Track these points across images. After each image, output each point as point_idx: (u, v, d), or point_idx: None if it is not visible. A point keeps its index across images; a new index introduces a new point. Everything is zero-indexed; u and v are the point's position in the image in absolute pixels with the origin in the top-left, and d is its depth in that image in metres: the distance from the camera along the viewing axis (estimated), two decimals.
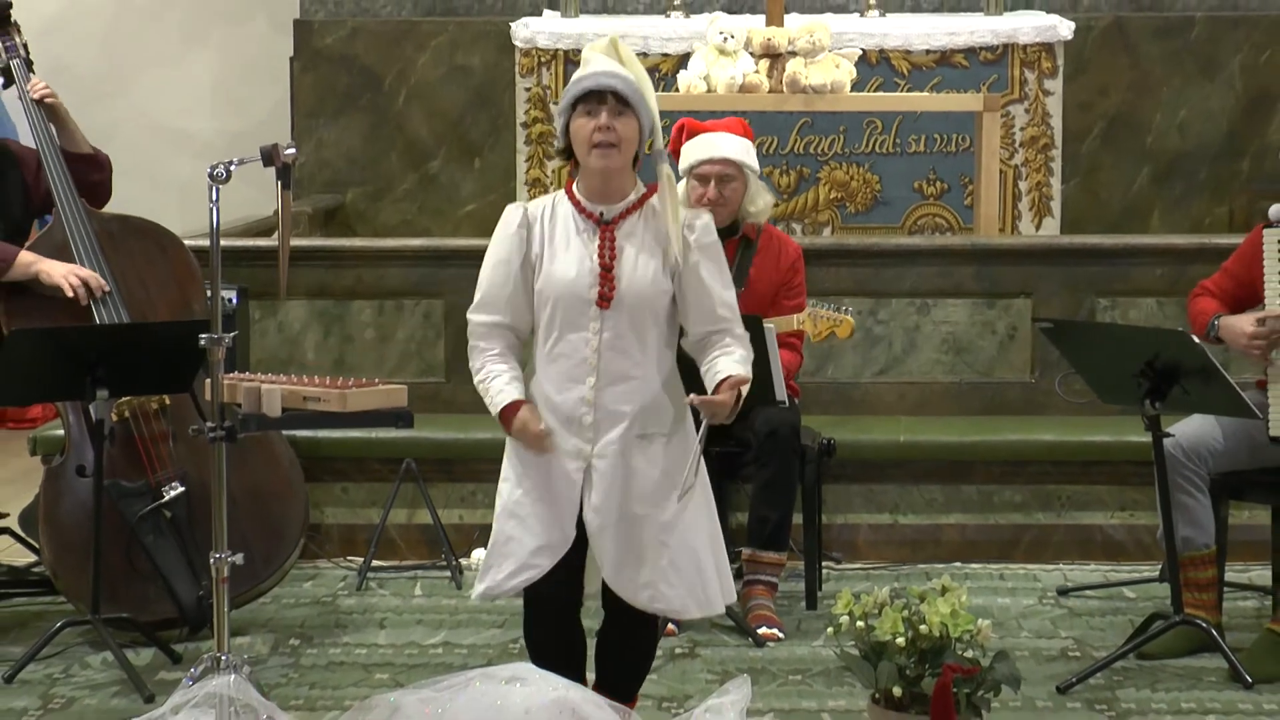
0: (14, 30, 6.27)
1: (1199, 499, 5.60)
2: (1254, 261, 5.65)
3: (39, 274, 5.85)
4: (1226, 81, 9.32)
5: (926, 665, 4.54)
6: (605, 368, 4.49)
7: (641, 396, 4.50)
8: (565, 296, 4.49)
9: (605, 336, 4.48)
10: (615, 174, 4.51)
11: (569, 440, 4.50)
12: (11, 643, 5.86)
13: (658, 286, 4.50)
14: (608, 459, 4.49)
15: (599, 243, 4.50)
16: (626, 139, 4.48)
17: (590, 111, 4.48)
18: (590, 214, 4.53)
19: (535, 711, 4.38)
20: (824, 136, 8.74)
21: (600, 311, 4.48)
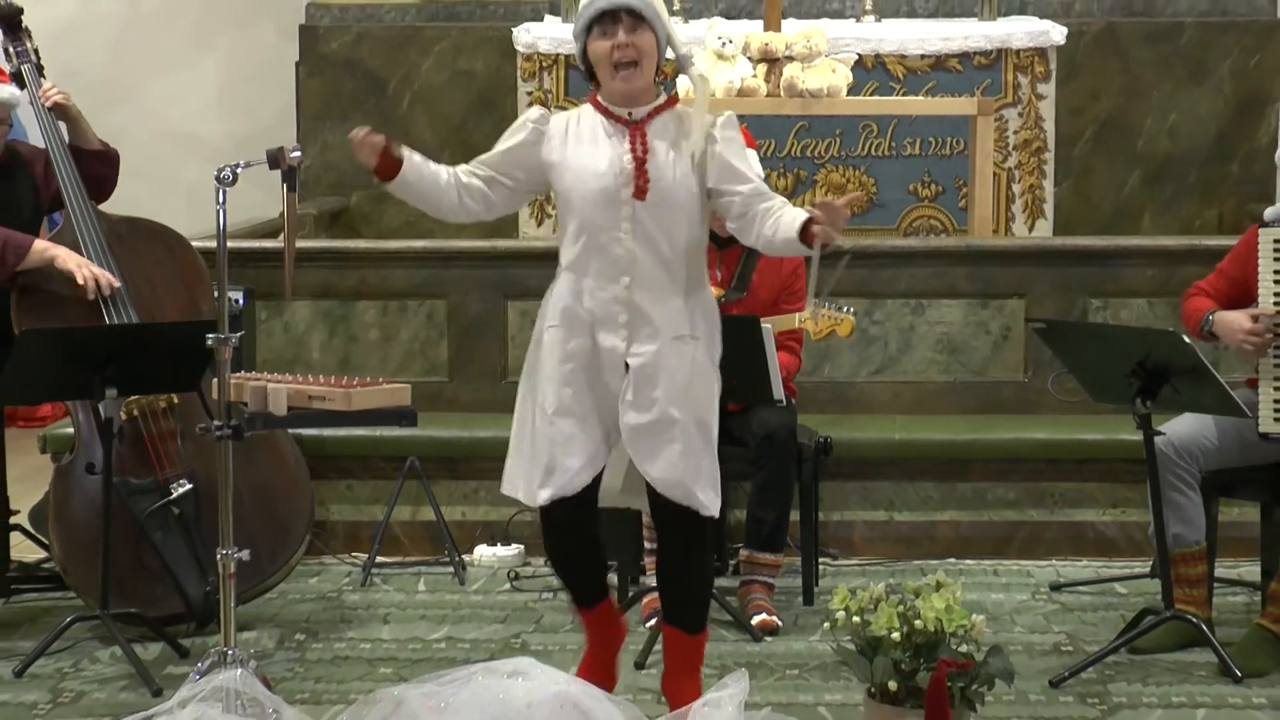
0: (25, 35, 6.28)
1: (1190, 496, 5.60)
2: (1248, 261, 5.65)
3: (54, 259, 5.84)
4: (1216, 86, 9.32)
5: (921, 660, 4.53)
6: (638, 268, 4.49)
7: (673, 298, 4.52)
8: (597, 193, 4.50)
9: (637, 234, 4.49)
10: (640, 92, 4.55)
11: (607, 338, 4.52)
12: (22, 637, 5.86)
13: (688, 183, 4.51)
14: (644, 359, 4.50)
15: (630, 140, 4.51)
16: (646, 53, 4.51)
17: (606, 32, 4.51)
18: (618, 117, 4.56)
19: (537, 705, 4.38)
20: (821, 140, 8.73)
21: (634, 208, 4.48)
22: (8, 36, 6.26)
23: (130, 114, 9.78)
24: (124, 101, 9.86)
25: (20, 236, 5.88)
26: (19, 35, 6.26)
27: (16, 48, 6.25)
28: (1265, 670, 5.42)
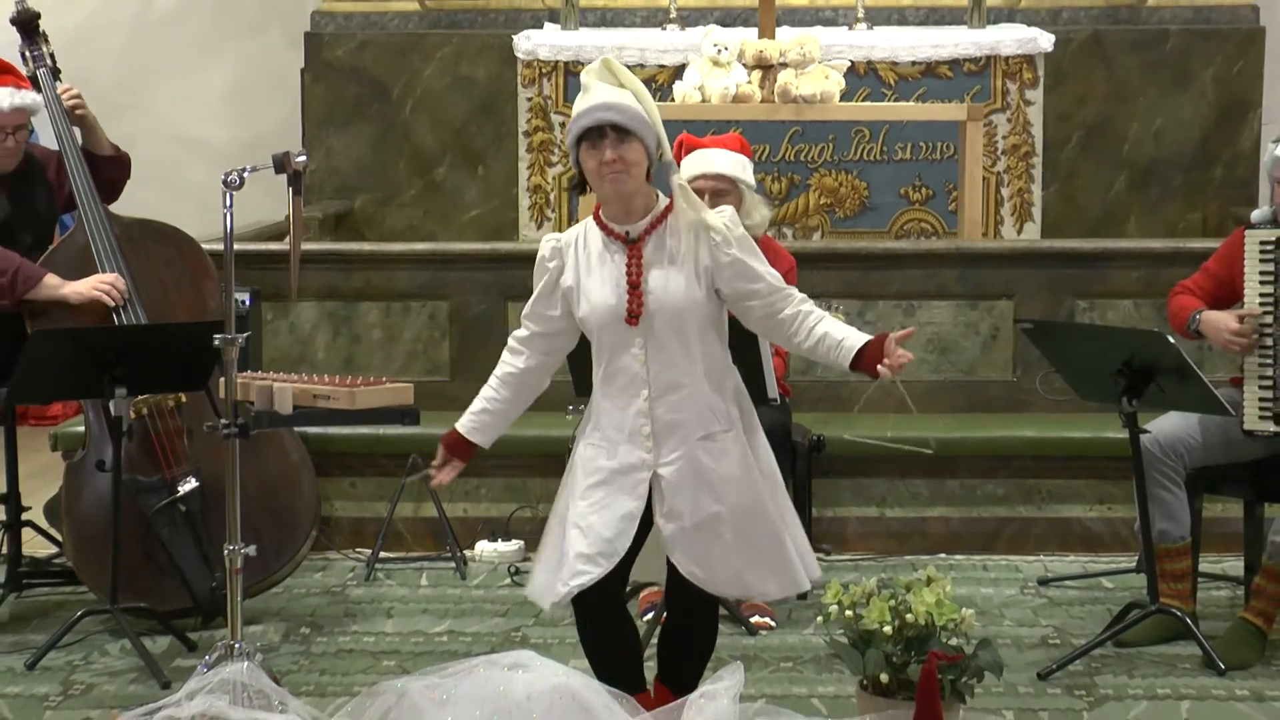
0: (41, 39, 6.28)
1: (1174, 493, 5.60)
2: (1234, 262, 5.65)
3: (67, 297, 5.84)
4: (1200, 92, 9.32)
5: (912, 653, 4.53)
6: (655, 380, 4.44)
7: (696, 402, 4.46)
8: (605, 318, 4.46)
9: (650, 350, 4.44)
10: (631, 196, 4.47)
11: (633, 453, 4.46)
12: (33, 631, 5.86)
13: (690, 295, 4.43)
14: (674, 466, 4.45)
15: (627, 261, 4.46)
16: (633, 163, 4.42)
17: (594, 147, 4.42)
18: (617, 234, 4.48)
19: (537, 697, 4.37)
20: (814, 145, 8.73)
21: (636, 328, 4.43)
22: (25, 41, 6.26)
23: (139, 119, 9.77)
24: (133, 107, 9.86)
25: (33, 268, 5.87)
26: (36, 40, 6.26)
27: (33, 52, 6.25)
28: (1248, 663, 5.42)
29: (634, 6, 9.51)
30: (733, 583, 4.52)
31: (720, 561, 4.47)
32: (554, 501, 4.66)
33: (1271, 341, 5.52)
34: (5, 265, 5.83)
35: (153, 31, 10.27)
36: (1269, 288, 5.53)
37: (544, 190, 8.85)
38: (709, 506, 4.45)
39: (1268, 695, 5.20)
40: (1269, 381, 5.51)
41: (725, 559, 4.47)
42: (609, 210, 4.51)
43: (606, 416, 4.51)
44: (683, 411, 4.45)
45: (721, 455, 4.47)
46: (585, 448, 4.55)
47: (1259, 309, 5.52)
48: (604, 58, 4.54)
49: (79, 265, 5.93)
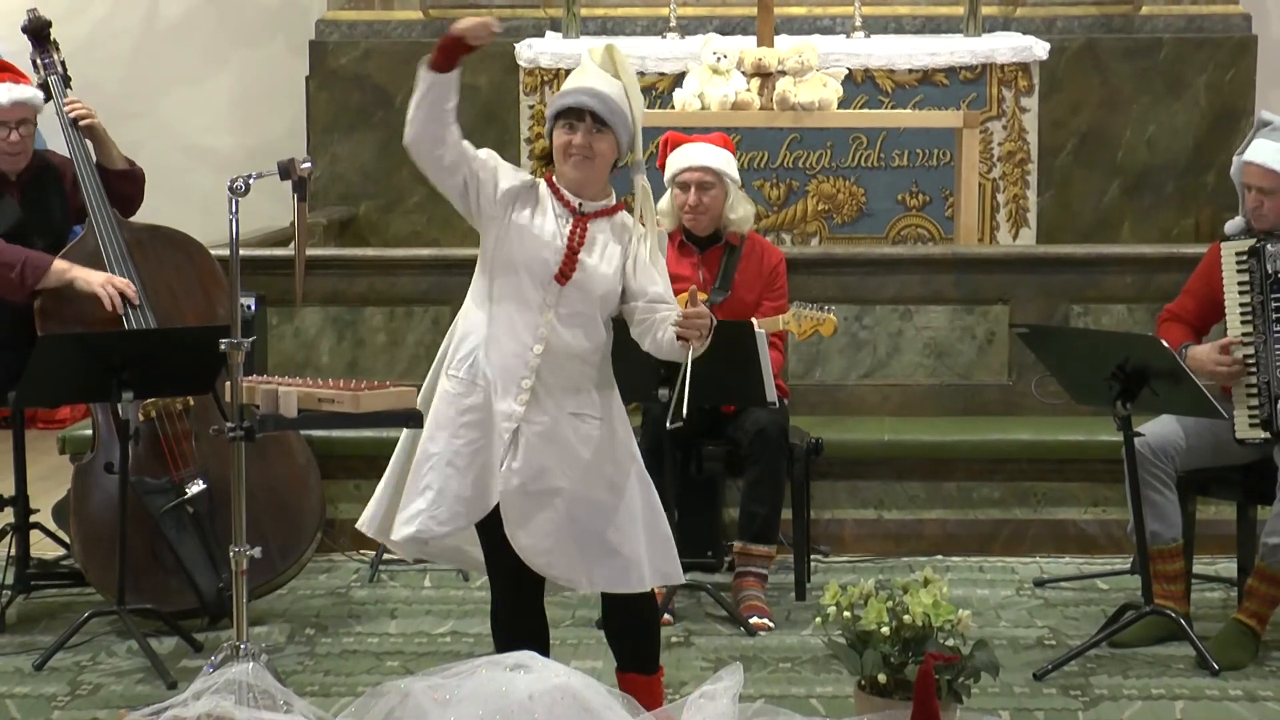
0: (53, 48, 6.28)
1: (1167, 495, 5.59)
2: (1213, 278, 5.65)
3: (74, 281, 5.84)
4: (1192, 99, 9.32)
5: (910, 653, 4.52)
6: (553, 340, 4.43)
7: (581, 377, 4.46)
8: (531, 264, 4.43)
9: (560, 311, 4.43)
10: (589, 182, 4.50)
11: (504, 401, 4.43)
12: (41, 632, 5.85)
13: (613, 284, 4.46)
14: (539, 428, 4.43)
15: (571, 228, 4.46)
16: (601, 155, 4.46)
17: (570, 126, 4.46)
18: (568, 202, 4.50)
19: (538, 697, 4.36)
20: (812, 151, 8.73)
21: (558, 287, 4.42)
22: (36, 48, 6.27)
23: (146, 128, 9.78)
24: (140, 116, 9.86)
25: (39, 256, 5.87)
26: (47, 47, 6.27)
27: (44, 59, 6.25)
28: (1241, 663, 5.41)
29: (634, 15, 9.52)
30: (545, 557, 4.46)
31: (542, 533, 4.45)
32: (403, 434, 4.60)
33: (1254, 351, 5.51)
34: (13, 259, 5.84)
35: (159, 41, 10.28)
36: (1247, 297, 5.53)
37: None
38: (553, 479, 4.44)
39: (1261, 695, 5.19)
40: (1254, 389, 5.50)
41: (548, 533, 4.46)
42: (563, 181, 4.53)
43: (484, 354, 4.45)
44: (565, 380, 4.45)
45: (584, 438, 4.47)
46: (454, 382, 4.49)
47: (1238, 336, 5.51)
48: (610, 44, 4.57)
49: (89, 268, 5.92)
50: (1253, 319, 5.51)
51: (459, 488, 4.46)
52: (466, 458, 4.46)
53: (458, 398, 4.49)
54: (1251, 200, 5.59)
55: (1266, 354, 5.48)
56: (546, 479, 4.45)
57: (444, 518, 4.48)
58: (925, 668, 4.42)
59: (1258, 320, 5.50)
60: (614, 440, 4.52)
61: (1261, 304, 5.50)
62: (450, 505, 4.47)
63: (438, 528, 4.49)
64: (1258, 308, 5.51)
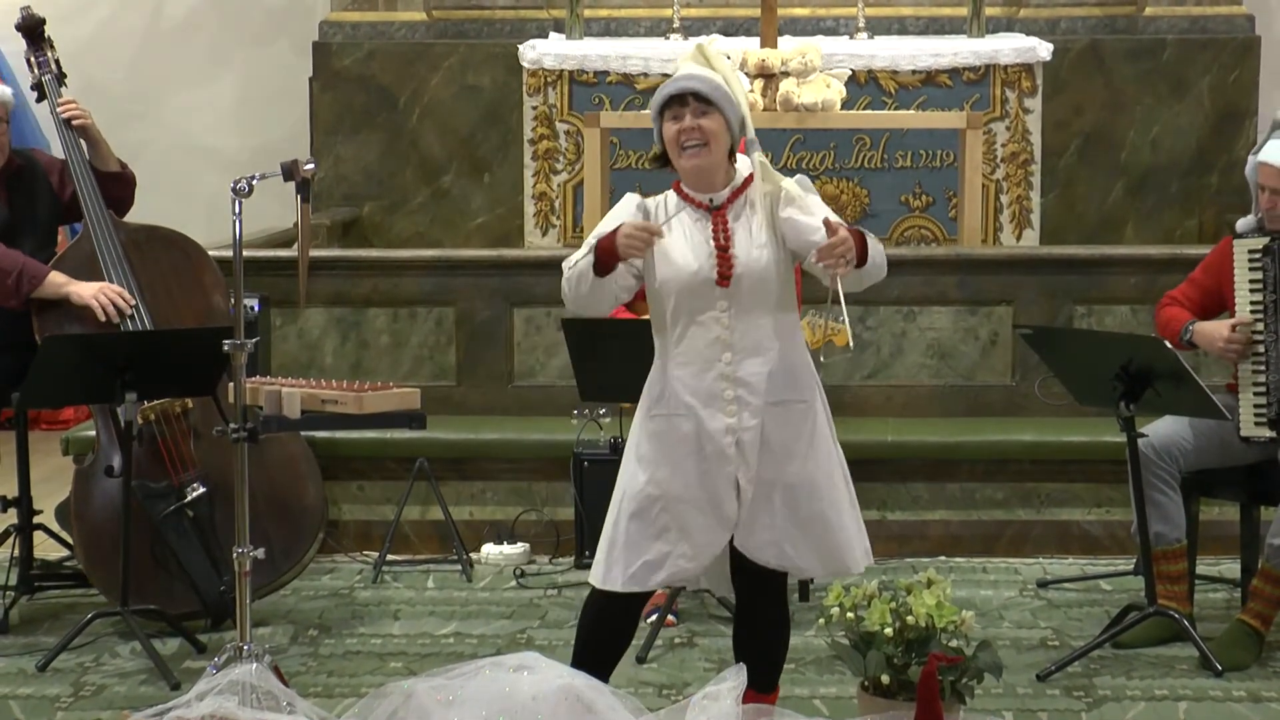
0: (47, 46, 6.26)
1: (1170, 496, 5.59)
2: (1220, 271, 5.65)
3: (69, 295, 5.84)
4: (1196, 100, 9.30)
5: (913, 654, 4.52)
6: (738, 342, 4.40)
7: (774, 365, 4.42)
8: (689, 282, 4.39)
9: (734, 312, 4.39)
10: (710, 169, 4.44)
11: (715, 418, 4.40)
12: (45, 633, 5.86)
13: (774, 258, 4.42)
14: (752, 429, 4.41)
15: (713, 227, 4.43)
16: (713, 135, 4.40)
17: (675, 116, 4.41)
18: (700, 203, 4.45)
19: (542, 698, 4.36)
20: (815, 152, 8.72)
21: (723, 290, 4.38)
22: (31, 47, 6.25)
23: (150, 128, 9.79)
24: (144, 116, 9.87)
25: (37, 265, 5.87)
26: (41, 46, 6.25)
27: (39, 58, 6.24)
28: (1245, 664, 5.41)
29: (638, 16, 9.51)
30: (769, 549, 4.45)
31: (764, 528, 4.44)
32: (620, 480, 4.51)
33: (1264, 348, 5.51)
34: (9, 265, 5.83)
35: (163, 42, 10.27)
36: (1258, 295, 5.53)
37: (549, 197, 8.84)
38: (766, 473, 4.42)
39: (1264, 696, 5.19)
40: (1263, 388, 5.50)
41: (769, 526, 4.44)
42: (689, 181, 4.48)
43: (681, 384, 4.42)
44: (761, 376, 4.42)
45: (787, 424, 4.44)
46: (656, 420, 4.45)
47: (1250, 317, 5.52)
48: (699, 43, 4.54)
49: (86, 271, 5.93)
50: (1264, 315, 5.50)
51: (700, 520, 4.42)
52: (696, 489, 4.42)
53: (667, 434, 4.44)
54: (1266, 201, 5.59)
55: (1276, 351, 5.48)
56: (763, 475, 4.42)
57: (692, 554, 4.45)
58: (928, 669, 4.42)
59: (1269, 317, 5.50)
60: (819, 420, 4.50)
61: (1274, 301, 5.50)
62: (695, 538, 4.43)
63: (689, 564, 4.46)
64: (1270, 305, 5.50)
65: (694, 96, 4.39)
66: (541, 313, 7.15)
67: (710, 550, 4.45)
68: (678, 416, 4.43)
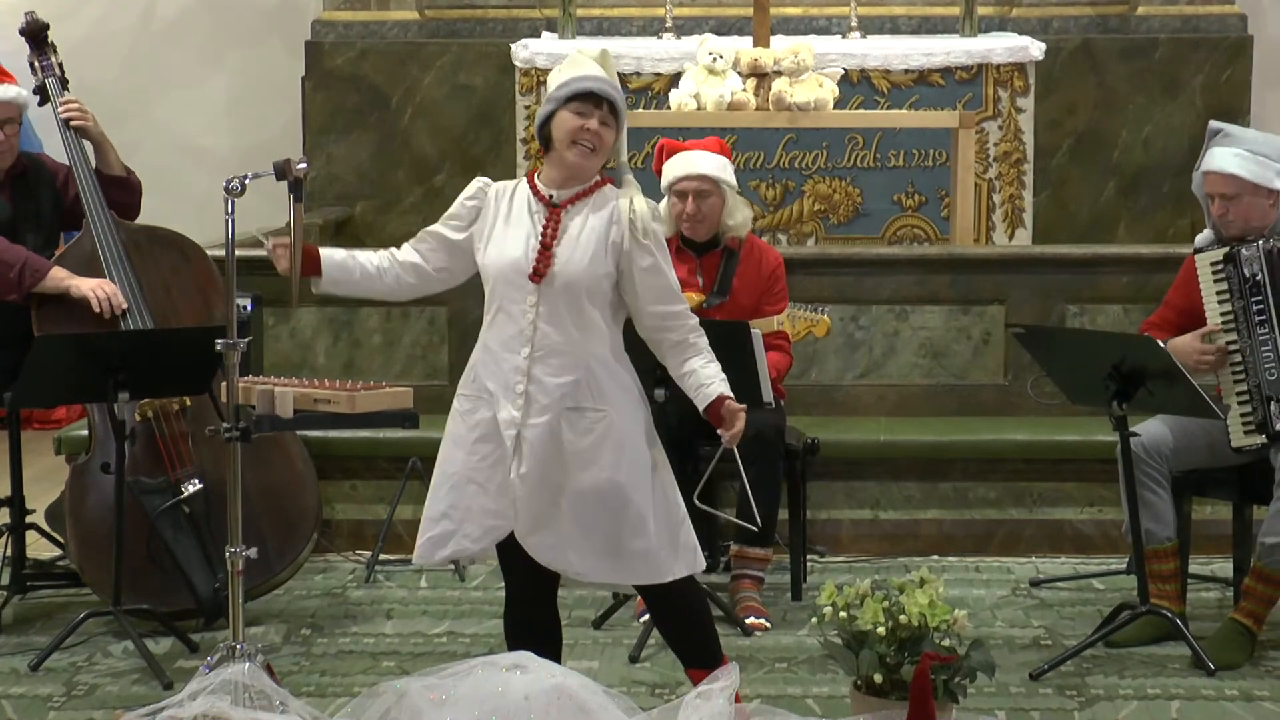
0: (50, 50, 6.28)
1: (1162, 495, 5.60)
2: (1189, 290, 5.67)
3: (69, 289, 5.85)
4: (1188, 100, 9.32)
5: (906, 653, 4.53)
6: (540, 340, 4.44)
7: (575, 371, 4.44)
8: (506, 271, 4.47)
9: (541, 310, 4.44)
10: (582, 173, 4.51)
11: (504, 409, 4.46)
12: (37, 632, 5.85)
13: (595, 268, 4.44)
14: (538, 429, 4.44)
15: (545, 222, 4.48)
16: (605, 146, 4.47)
17: (582, 112, 4.44)
18: (542, 196, 4.52)
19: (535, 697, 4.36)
20: (808, 152, 8.73)
21: (535, 286, 4.44)
22: (34, 51, 6.27)
23: (142, 128, 9.78)
24: (136, 116, 9.86)
25: (39, 260, 5.89)
26: (45, 49, 6.27)
27: (42, 61, 6.25)
28: (1237, 663, 5.42)
29: (630, 15, 9.52)
30: (550, 551, 4.48)
31: (549, 531, 4.47)
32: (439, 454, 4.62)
33: (1240, 356, 5.52)
34: (12, 259, 5.85)
35: (155, 41, 10.28)
36: (1227, 304, 5.54)
37: None
38: (553, 476, 4.45)
39: (1256, 695, 5.20)
40: (1245, 395, 5.51)
41: (554, 531, 4.47)
42: (549, 175, 4.54)
43: (484, 369, 4.52)
44: (560, 376, 4.44)
45: (583, 431, 4.46)
46: (462, 400, 4.58)
47: (1219, 324, 5.53)
48: (604, 49, 4.57)
49: (86, 269, 5.94)
50: (1235, 324, 5.51)
51: (484, 502, 4.49)
52: (485, 472, 4.49)
53: (468, 414, 4.54)
54: (1217, 209, 5.60)
55: (1254, 358, 5.48)
56: (549, 477, 4.45)
57: (476, 535, 4.52)
58: (921, 668, 4.43)
59: (1240, 325, 5.50)
60: (619, 430, 4.48)
61: (1243, 308, 5.50)
62: (479, 520, 4.50)
63: (472, 545, 4.53)
64: (1239, 313, 5.51)
65: (609, 104, 4.44)
66: None
67: (492, 535, 4.51)
68: (479, 399, 4.52)
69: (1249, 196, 5.53)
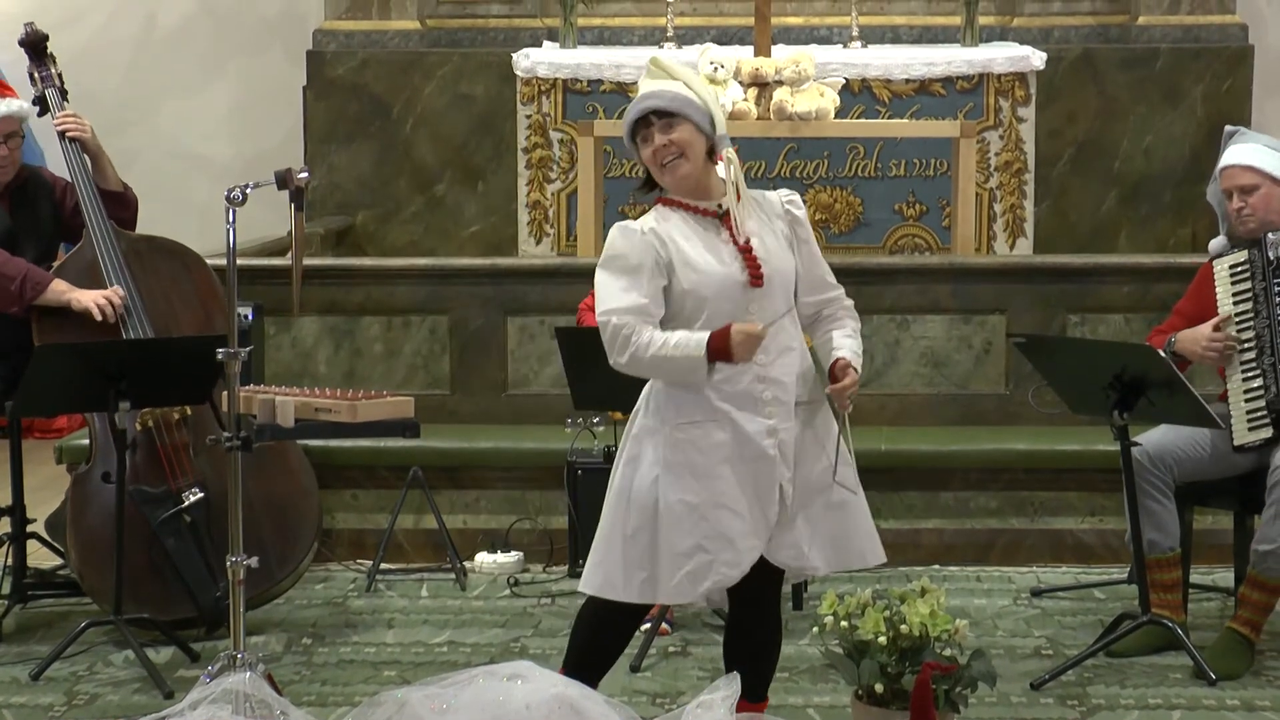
0: (49, 60, 6.29)
1: (1164, 504, 5.60)
2: (1203, 296, 5.68)
3: (70, 302, 5.86)
4: (1189, 109, 9.32)
5: (907, 663, 4.53)
6: (770, 343, 4.37)
7: (799, 365, 4.44)
8: (721, 285, 4.35)
9: (764, 315, 4.38)
10: (696, 178, 4.42)
11: (753, 421, 4.36)
12: (38, 642, 5.85)
13: (789, 258, 4.45)
14: (789, 429, 4.40)
15: (727, 231, 4.41)
16: (687, 144, 4.39)
17: (645, 138, 4.42)
18: (705, 210, 4.43)
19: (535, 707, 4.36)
20: (809, 161, 8.73)
21: (754, 291, 4.37)
22: (34, 61, 6.28)
23: (144, 136, 9.79)
24: (138, 124, 9.87)
25: (40, 273, 5.90)
26: (44, 61, 6.28)
27: (41, 72, 6.26)
28: (1238, 673, 5.42)
29: (632, 25, 9.53)
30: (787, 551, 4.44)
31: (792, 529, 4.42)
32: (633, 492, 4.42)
33: (1255, 353, 5.53)
34: (14, 271, 5.86)
35: (157, 50, 10.28)
36: (1246, 304, 5.54)
37: (543, 206, 8.85)
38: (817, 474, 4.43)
39: (1258, 705, 5.20)
40: (1256, 392, 5.51)
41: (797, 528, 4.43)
42: (683, 191, 4.45)
43: (712, 390, 4.36)
44: (792, 374, 4.42)
45: (812, 424, 4.45)
46: (685, 429, 4.38)
47: (1231, 310, 5.55)
48: (652, 57, 4.54)
49: (87, 279, 5.95)
50: (1254, 309, 5.52)
51: (739, 525, 4.38)
52: (733, 494, 4.38)
53: (700, 441, 4.38)
54: (1235, 203, 5.64)
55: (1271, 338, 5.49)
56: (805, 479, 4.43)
57: (734, 560, 4.39)
58: (922, 677, 4.42)
59: (1261, 306, 5.51)
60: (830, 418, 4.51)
61: (1264, 289, 5.52)
62: (737, 545, 4.38)
63: (732, 571, 4.40)
64: (1260, 294, 5.52)
65: (655, 114, 4.40)
66: (535, 321, 7.16)
67: (751, 556, 4.41)
68: (711, 423, 4.38)
69: (1267, 186, 5.58)
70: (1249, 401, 5.53)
